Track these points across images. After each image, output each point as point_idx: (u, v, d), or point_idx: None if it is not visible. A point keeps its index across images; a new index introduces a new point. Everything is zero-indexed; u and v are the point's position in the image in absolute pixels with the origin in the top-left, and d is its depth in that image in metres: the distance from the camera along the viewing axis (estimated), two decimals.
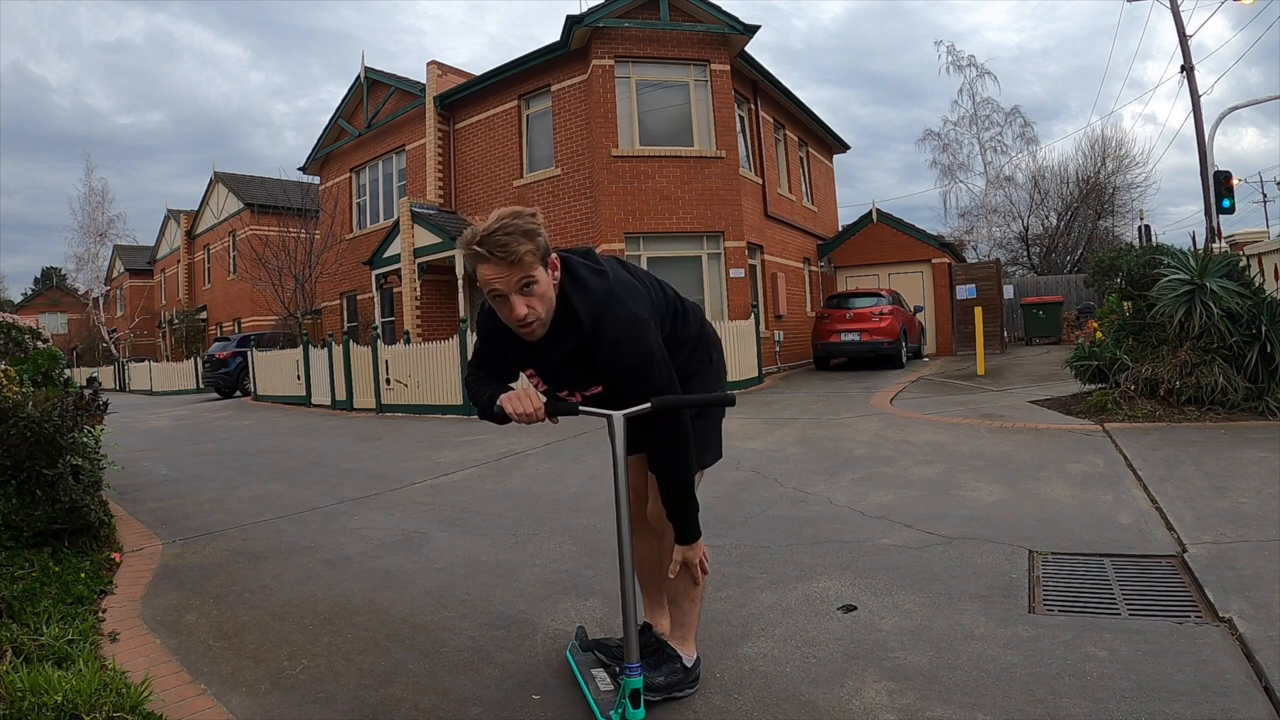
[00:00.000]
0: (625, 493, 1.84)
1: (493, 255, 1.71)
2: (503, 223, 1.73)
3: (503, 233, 1.71)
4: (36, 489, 3.50)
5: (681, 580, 2.09)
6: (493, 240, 1.71)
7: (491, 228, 1.73)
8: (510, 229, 1.72)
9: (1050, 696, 2.00)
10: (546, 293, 1.80)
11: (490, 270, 1.74)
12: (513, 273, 1.73)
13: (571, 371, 1.93)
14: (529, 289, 1.76)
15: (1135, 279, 6.85)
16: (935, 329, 17.73)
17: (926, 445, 5.72)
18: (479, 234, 1.73)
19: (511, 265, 1.72)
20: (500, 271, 1.73)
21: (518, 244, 1.71)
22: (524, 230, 1.73)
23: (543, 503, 4.66)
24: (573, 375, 1.94)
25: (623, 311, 1.85)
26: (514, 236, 1.71)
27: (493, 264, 1.73)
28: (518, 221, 1.73)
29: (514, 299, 1.76)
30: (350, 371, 12.17)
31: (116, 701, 2.04)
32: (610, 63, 12.59)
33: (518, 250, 1.71)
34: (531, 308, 1.77)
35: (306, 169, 19.99)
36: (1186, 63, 15.05)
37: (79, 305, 34.85)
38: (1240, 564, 2.80)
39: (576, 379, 1.95)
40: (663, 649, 2.15)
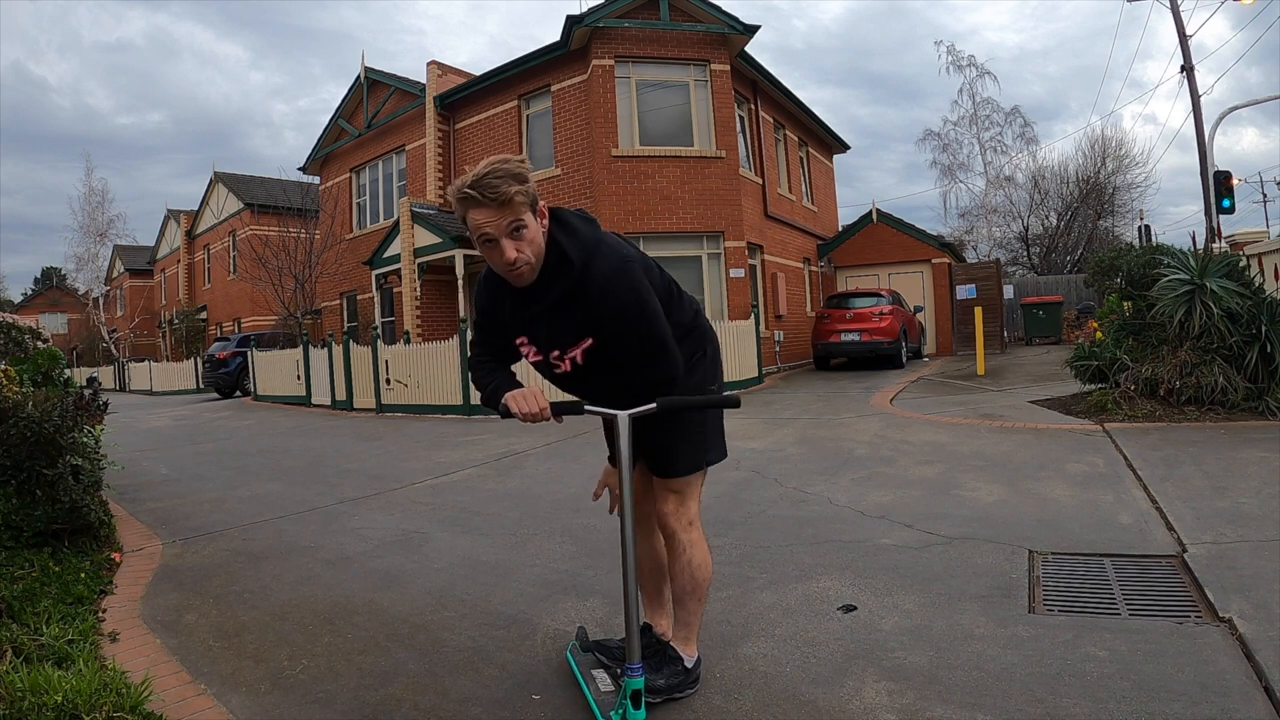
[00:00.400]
0: (630, 492, 1.84)
1: (484, 198, 1.73)
2: (492, 166, 1.75)
3: (493, 175, 1.73)
4: (36, 489, 3.50)
5: (687, 579, 2.09)
6: (483, 183, 1.73)
7: (482, 172, 1.74)
8: (500, 172, 1.74)
9: (1050, 696, 2.00)
10: (535, 238, 1.81)
11: (481, 214, 1.76)
12: (503, 215, 1.75)
13: (562, 323, 1.91)
14: (518, 233, 1.78)
15: (1135, 279, 6.85)
16: (935, 329, 17.73)
17: (926, 445, 5.72)
18: (470, 179, 1.75)
19: (502, 207, 1.74)
20: (491, 215, 1.75)
21: (508, 185, 1.73)
22: (513, 173, 1.74)
23: (543, 503, 4.65)
24: (563, 328, 1.92)
25: (611, 253, 1.86)
26: (504, 179, 1.73)
27: (484, 207, 1.75)
28: (506, 165, 1.75)
29: (504, 243, 1.77)
30: (350, 371, 12.17)
31: (116, 701, 2.04)
32: (610, 63, 12.59)
33: (508, 191, 1.73)
34: (520, 251, 1.79)
35: (306, 169, 19.99)
36: (1186, 63, 15.05)
37: (79, 305, 34.84)
38: (1240, 564, 2.80)
39: (567, 332, 1.92)
40: (664, 650, 2.15)
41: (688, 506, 2.10)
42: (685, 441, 2.06)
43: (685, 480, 2.09)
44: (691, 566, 2.08)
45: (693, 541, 2.08)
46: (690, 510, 2.10)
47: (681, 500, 2.09)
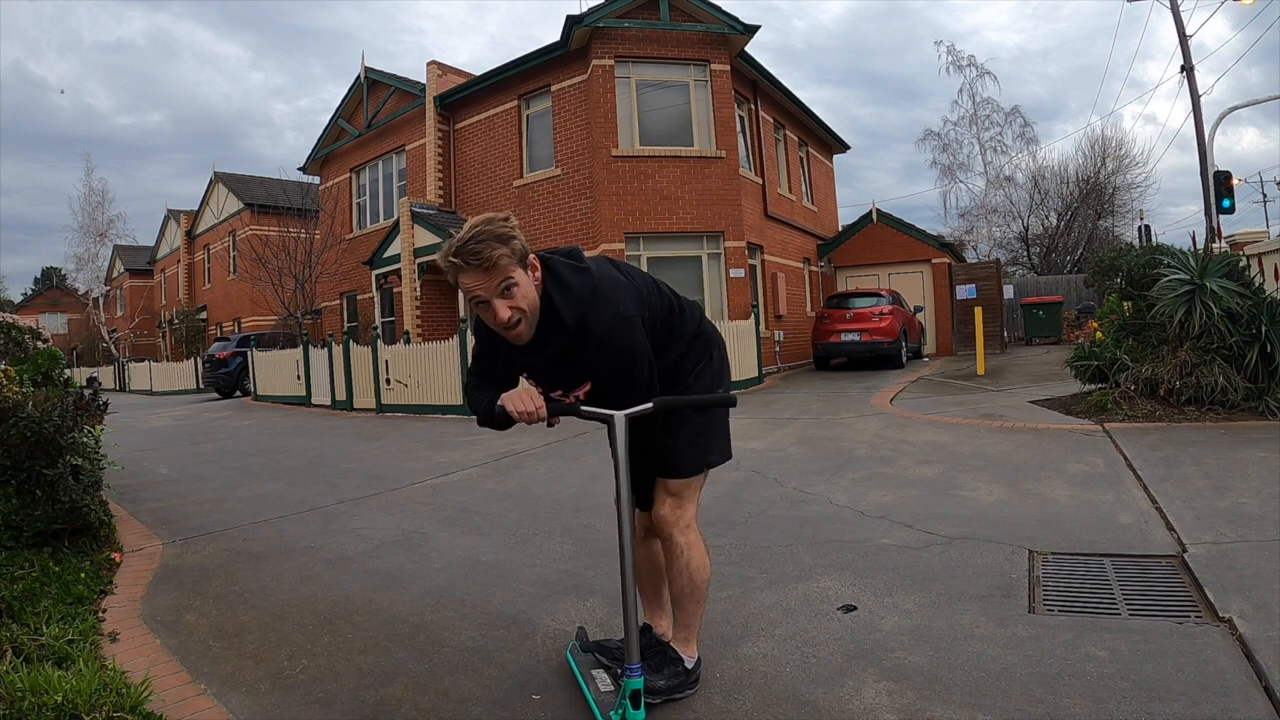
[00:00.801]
0: (628, 493, 1.84)
1: (468, 264, 1.74)
2: (475, 230, 1.75)
3: (475, 240, 1.74)
4: (36, 489, 3.50)
5: (685, 581, 2.09)
6: (466, 250, 1.74)
7: (465, 237, 1.75)
8: (483, 236, 1.74)
9: (1050, 696, 2.00)
10: (529, 293, 1.82)
11: (469, 279, 1.77)
12: (490, 278, 1.76)
13: (560, 371, 1.95)
14: (509, 292, 1.79)
15: (1135, 279, 6.85)
16: (935, 329, 17.73)
17: (926, 445, 5.72)
18: (454, 245, 1.76)
19: (488, 271, 1.75)
20: (478, 279, 1.76)
21: (490, 249, 1.74)
22: (496, 235, 1.75)
23: (543, 503, 4.66)
24: (562, 375, 1.96)
25: (607, 309, 1.86)
26: (486, 243, 1.74)
27: (470, 272, 1.76)
28: (490, 228, 1.76)
29: (496, 303, 1.78)
30: (350, 371, 12.17)
31: (116, 701, 2.04)
32: (610, 63, 12.59)
33: (492, 255, 1.74)
34: (515, 309, 1.80)
35: (306, 169, 19.99)
36: (1186, 63, 15.05)
37: (79, 305, 34.84)
38: (1240, 564, 2.80)
39: (566, 379, 1.96)
40: (665, 651, 2.15)
41: (685, 509, 2.10)
42: (687, 442, 2.07)
43: (685, 482, 2.09)
44: (690, 569, 2.08)
45: (690, 544, 2.08)
46: (688, 513, 2.10)
47: (679, 503, 2.09)
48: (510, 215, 1.81)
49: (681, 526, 2.08)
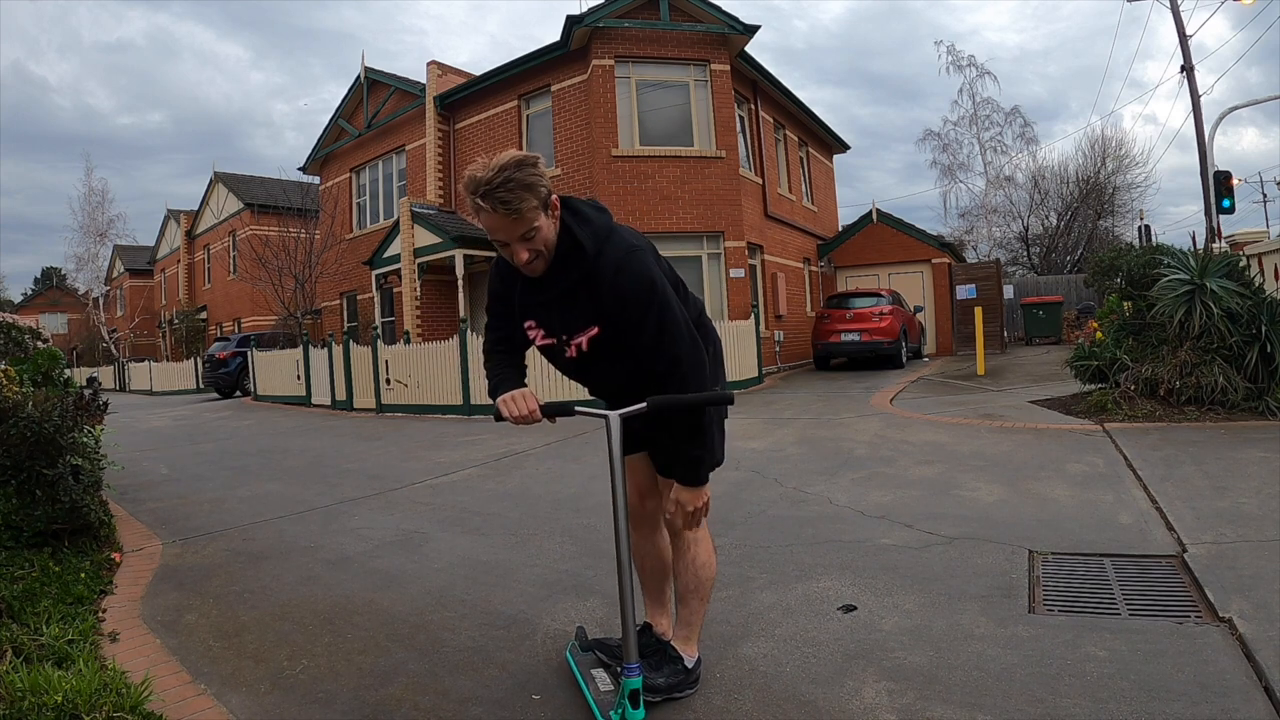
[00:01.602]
0: (623, 492, 1.84)
1: (495, 210, 1.73)
2: (505, 175, 1.71)
3: (505, 189, 1.71)
4: (36, 489, 3.50)
5: (690, 577, 2.09)
6: (495, 196, 1.71)
7: (494, 180, 1.71)
8: (512, 184, 1.71)
9: (1050, 696, 2.00)
10: (548, 235, 1.82)
11: (494, 220, 1.76)
12: (516, 226, 1.76)
13: (571, 309, 1.92)
14: (531, 235, 1.78)
15: (1135, 279, 6.85)
16: (935, 329, 17.73)
17: (926, 445, 5.72)
18: (481, 185, 1.72)
19: (514, 220, 1.74)
20: (503, 223, 1.75)
21: (520, 200, 1.72)
22: (526, 184, 1.72)
23: (543, 503, 4.66)
24: (572, 315, 1.93)
25: (623, 241, 1.87)
26: (516, 193, 1.72)
27: (495, 216, 1.75)
28: (519, 175, 1.72)
29: (516, 246, 1.79)
30: (350, 371, 12.17)
31: (116, 701, 2.04)
32: (610, 63, 12.59)
33: (521, 207, 1.73)
34: (533, 250, 1.81)
35: (306, 169, 19.99)
36: (1186, 63, 15.05)
37: (79, 305, 34.85)
38: (1240, 564, 2.80)
39: (575, 319, 1.93)
40: (665, 650, 2.15)
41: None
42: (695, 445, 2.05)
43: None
44: (696, 564, 2.09)
45: (698, 539, 2.09)
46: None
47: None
48: (539, 158, 1.79)
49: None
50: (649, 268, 1.86)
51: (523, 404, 1.88)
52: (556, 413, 1.89)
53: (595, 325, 1.91)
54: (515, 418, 1.87)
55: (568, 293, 1.89)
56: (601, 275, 1.83)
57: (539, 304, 1.96)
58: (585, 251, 1.84)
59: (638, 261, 1.85)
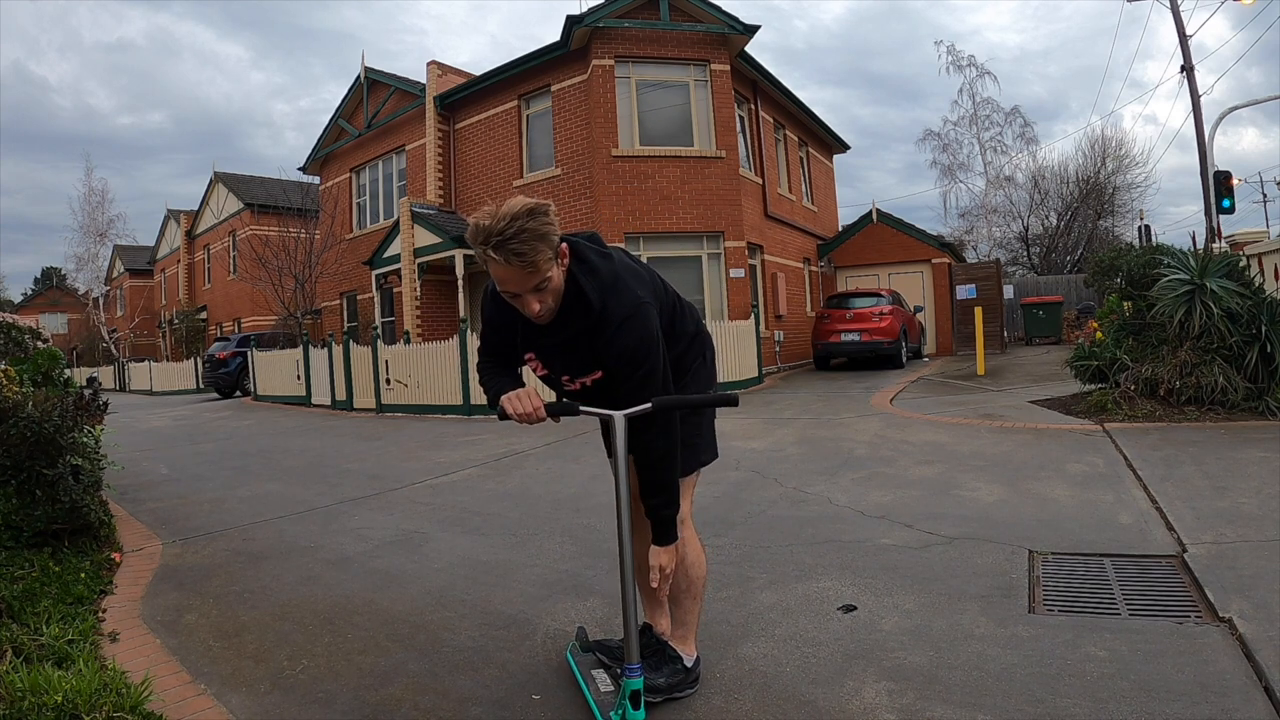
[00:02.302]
0: (626, 493, 1.84)
1: (509, 263, 1.67)
2: (518, 226, 1.65)
3: (518, 240, 1.65)
4: (36, 489, 3.50)
5: (681, 577, 2.09)
6: (508, 248, 1.65)
7: (506, 232, 1.64)
8: (525, 234, 1.65)
9: (1050, 696, 2.00)
10: (558, 285, 1.80)
11: (504, 272, 1.71)
12: (529, 279, 1.71)
13: (575, 355, 1.93)
14: (542, 287, 1.75)
15: (1135, 279, 6.85)
16: (935, 329, 17.73)
17: (926, 445, 5.72)
18: (492, 236, 1.65)
19: (527, 272, 1.70)
20: (514, 275, 1.70)
21: (534, 251, 1.67)
22: (540, 234, 1.67)
23: (543, 503, 4.66)
24: (575, 359, 1.94)
25: (628, 293, 1.85)
26: (530, 245, 1.66)
27: (509, 269, 1.69)
28: (533, 225, 1.66)
29: (527, 297, 1.76)
30: (350, 371, 12.17)
31: (116, 701, 2.04)
32: (610, 63, 12.59)
33: (536, 259, 1.68)
34: (543, 303, 1.78)
35: (306, 169, 19.99)
36: (1186, 63, 15.05)
37: (79, 305, 34.84)
38: (1240, 564, 2.80)
39: (578, 363, 1.94)
40: (664, 650, 2.15)
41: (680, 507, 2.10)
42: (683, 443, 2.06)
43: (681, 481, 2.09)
44: (686, 564, 2.09)
45: (685, 539, 2.10)
46: (683, 510, 2.11)
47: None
48: (550, 207, 1.73)
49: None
50: (650, 327, 1.86)
51: (527, 402, 1.87)
52: (561, 412, 1.89)
53: (599, 370, 1.93)
54: (520, 415, 1.85)
55: (570, 341, 1.89)
56: (605, 325, 1.83)
57: (542, 347, 1.96)
58: (591, 306, 1.82)
59: (641, 320, 1.84)
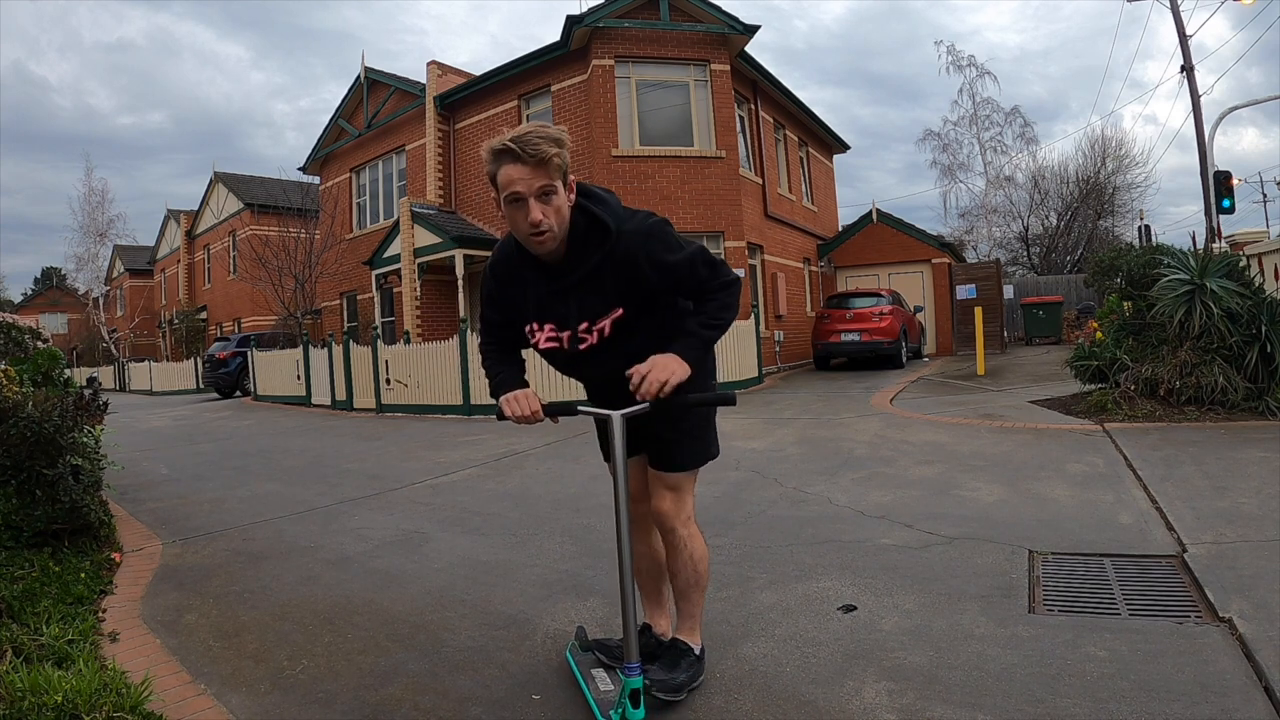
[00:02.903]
0: (625, 493, 1.84)
1: (522, 153, 1.73)
2: (534, 127, 1.77)
3: (535, 135, 1.75)
4: (36, 489, 3.50)
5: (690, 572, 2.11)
6: (524, 139, 1.74)
7: (523, 130, 1.76)
8: (542, 134, 1.76)
9: (1050, 696, 2.00)
10: (562, 208, 1.82)
11: (515, 171, 1.76)
12: (537, 176, 1.76)
13: (592, 295, 1.90)
14: (547, 197, 1.78)
15: (1135, 279, 6.85)
16: (935, 329, 17.73)
17: (926, 445, 5.72)
18: (510, 134, 1.77)
19: (537, 167, 1.75)
20: (524, 173, 1.75)
21: (549, 146, 1.74)
22: (554, 137, 1.76)
23: (543, 503, 4.65)
24: (596, 299, 1.91)
25: (645, 214, 1.92)
26: (545, 140, 1.75)
27: (519, 164, 1.75)
28: (547, 130, 1.78)
29: (531, 203, 1.77)
30: (350, 371, 12.17)
31: (116, 701, 2.04)
32: (610, 63, 12.59)
33: (547, 151, 1.74)
34: (546, 216, 1.79)
35: (306, 169, 19.99)
36: (1186, 63, 15.05)
37: (79, 305, 34.85)
38: (1240, 564, 2.80)
39: (599, 303, 1.91)
40: (675, 646, 2.16)
41: (684, 502, 2.12)
42: (689, 435, 2.08)
43: (686, 475, 2.11)
44: (694, 560, 2.11)
45: (691, 535, 2.11)
46: (687, 506, 2.13)
47: (679, 497, 2.11)
48: (564, 127, 1.85)
49: (683, 519, 2.10)
50: (670, 230, 1.93)
51: (525, 405, 1.89)
52: (559, 412, 1.90)
53: (620, 307, 1.91)
54: (518, 418, 1.89)
55: (591, 275, 1.88)
56: (632, 249, 1.85)
57: (555, 293, 1.92)
58: (608, 229, 1.85)
59: (665, 227, 1.91)
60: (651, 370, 1.82)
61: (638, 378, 1.82)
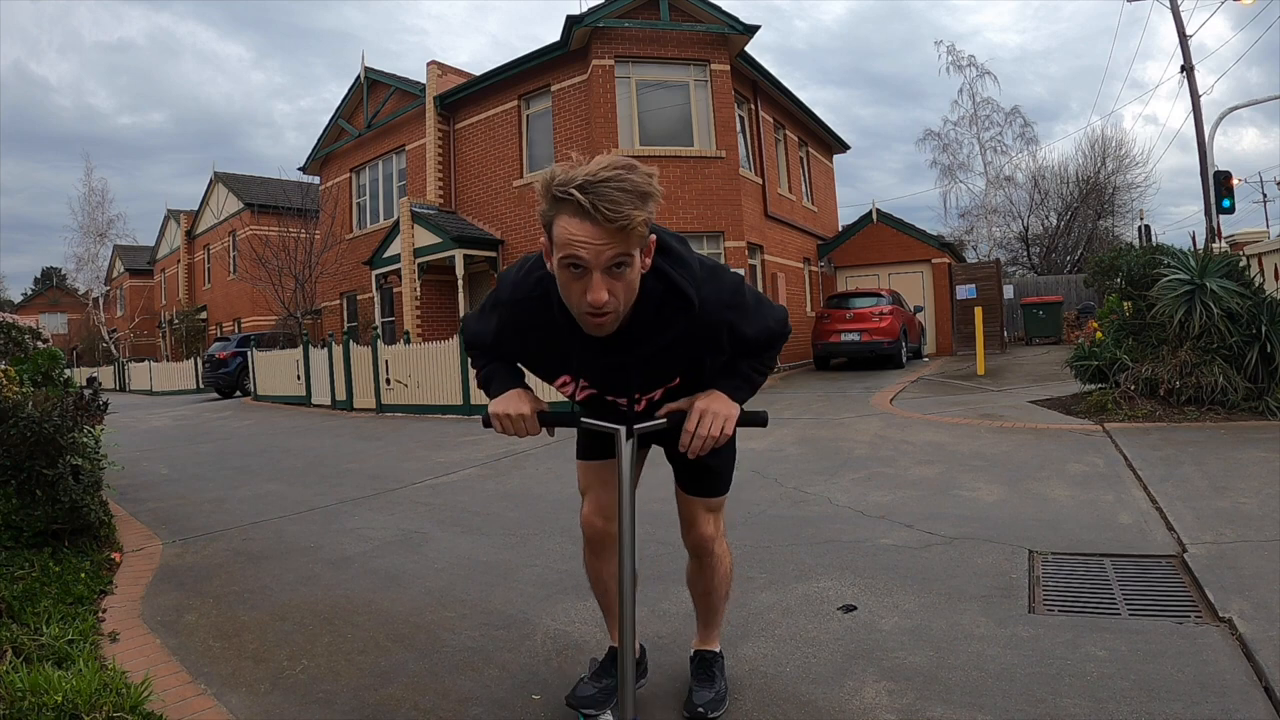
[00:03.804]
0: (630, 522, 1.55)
1: (595, 211, 1.26)
2: (616, 173, 1.28)
3: (618, 187, 1.26)
4: (36, 489, 3.50)
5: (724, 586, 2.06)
6: (602, 193, 1.26)
7: (602, 175, 1.27)
8: (626, 185, 1.27)
9: (1050, 696, 2.00)
10: (633, 281, 1.38)
11: (580, 230, 1.29)
12: (610, 244, 1.29)
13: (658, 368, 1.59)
14: (619, 270, 1.34)
15: (1135, 279, 6.84)
16: (935, 329, 17.73)
17: (926, 445, 5.72)
18: (581, 177, 1.28)
19: (615, 234, 1.28)
20: (594, 236, 1.29)
21: (634, 208, 1.27)
22: (640, 190, 1.29)
23: (543, 503, 4.65)
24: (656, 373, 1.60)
25: (725, 273, 1.55)
26: (631, 196, 1.27)
27: (588, 223, 1.28)
28: (634, 178, 1.29)
29: (596, 278, 1.32)
30: (350, 371, 12.17)
31: (116, 701, 2.04)
32: (610, 63, 12.59)
33: (632, 216, 1.27)
34: (613, 294, 1.35)
35: (306, 169, 20.00)
36: (1186, 63, 15.05)
37: (79, 305, 34.88)
38: (1240, 564, 2.80)
39: (658, 377, 1.61)
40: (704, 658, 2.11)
41: (721, 522, 2.03)
42: (729, 457, 1.99)
43: (723, 498, 2.02)
44: (727, 576, 2.07)
45: (725, 551, 2.05)
46: (722, 524, 2.05)
47: (718, 518, 2.02)
48: (653, 170, 1.34)
49: (720, 538, 2.02)
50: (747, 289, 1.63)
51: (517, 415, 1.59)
52: (556, 424, 1.65)
53: (678, 377, 1.64)
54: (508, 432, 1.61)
55: (661, 352, 1.53)
56: (714, 323, 1.52)
57: (612, 367, 1.56)
58: (690, 301, 1.47)
59: (742, 291, 1.58)
60: (700, 423, 1.52)
61: (687, 438, 1.53)
